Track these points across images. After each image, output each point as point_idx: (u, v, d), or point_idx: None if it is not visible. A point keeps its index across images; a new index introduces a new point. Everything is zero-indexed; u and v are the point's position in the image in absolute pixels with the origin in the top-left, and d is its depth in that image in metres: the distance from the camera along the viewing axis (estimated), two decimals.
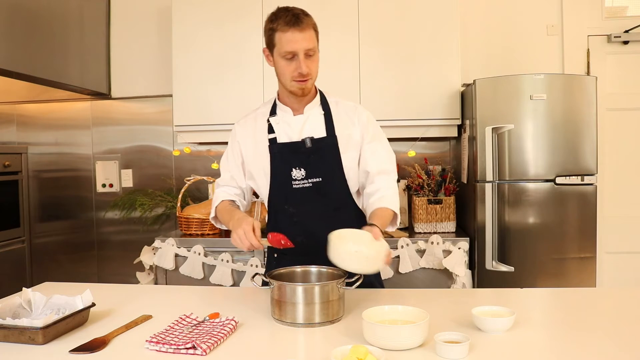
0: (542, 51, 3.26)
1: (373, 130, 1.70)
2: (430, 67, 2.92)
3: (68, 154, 3.61)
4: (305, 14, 1.56)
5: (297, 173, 1.63)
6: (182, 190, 2.95)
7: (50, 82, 3.05)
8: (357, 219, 1.68)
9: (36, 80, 2.97)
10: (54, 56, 3.05)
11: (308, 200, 1.64)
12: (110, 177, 3.55)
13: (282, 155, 1.64)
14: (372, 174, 1.65)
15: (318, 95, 1.70)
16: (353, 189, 1.69)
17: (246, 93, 3.03)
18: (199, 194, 3.34)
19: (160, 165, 3.51)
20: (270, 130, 1.67)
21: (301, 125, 1.66)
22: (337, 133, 1.65)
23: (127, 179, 3.54)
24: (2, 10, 2.64)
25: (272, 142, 1.66)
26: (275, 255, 1.73)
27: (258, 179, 1.71)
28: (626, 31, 3.16)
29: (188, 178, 3.00)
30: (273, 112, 1.70)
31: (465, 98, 2.92)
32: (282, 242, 1.46)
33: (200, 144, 3.41)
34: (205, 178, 3.03)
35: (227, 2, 3.03)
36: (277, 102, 1.71)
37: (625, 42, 3.21)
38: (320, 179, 1.63)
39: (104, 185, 3.56)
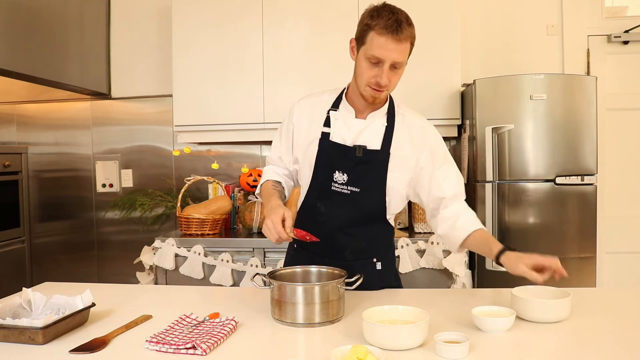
0: (542, 51, 3.26)
1: (443, 153, 1.62)
2: (430, 67, 2.92)
3: (68, 154, 3.61)
4: (408, 22, 1.43)
5: (340, 177, 1.56)
6: (182, 190, 2.95)
7: (50, 82, 3.05)
8: (382, 235, 1.66)
9: (36, 80, 2.97)
10: (54, 56, 3.05)
11: (341, 205, 1.57)
12: (110, 177, 3.55)
13: (329, 154, 1.57)
14: (447, 199, 1.59)
15: (387, 104, 1.60)
16: (390, 209, 1.61)
17: (246, 93, 3.03)
18: (199, 194, 3.34)
19: (160, 165, 3.51)
20: (327, 123, 1.59)
21: (359, 131, 1.57)
22: (391, 150, 1.55)
23: (127, 179, 3.54)
24: (2, 10, 2.64)
25: (324, 136, 1.58)
26: (295, 246, 1.70)
27: (302, 167, 1.64)
28: (626, 31, 3.16)
29: (188, 178, 2.99)
30: (336, 105, 1.61)
31: (465, 98, 2.91)
32: (307, 238, 1.44)
33: (200, 144, 3.41)
34: (205, 178, 3.03)
35: (227, 2, 3.03)
36: (344, 97, 1.61)
37: (625, 42, 3.21)
38: (359, 190, 1.55)
39: (104, 185, 3.56)
